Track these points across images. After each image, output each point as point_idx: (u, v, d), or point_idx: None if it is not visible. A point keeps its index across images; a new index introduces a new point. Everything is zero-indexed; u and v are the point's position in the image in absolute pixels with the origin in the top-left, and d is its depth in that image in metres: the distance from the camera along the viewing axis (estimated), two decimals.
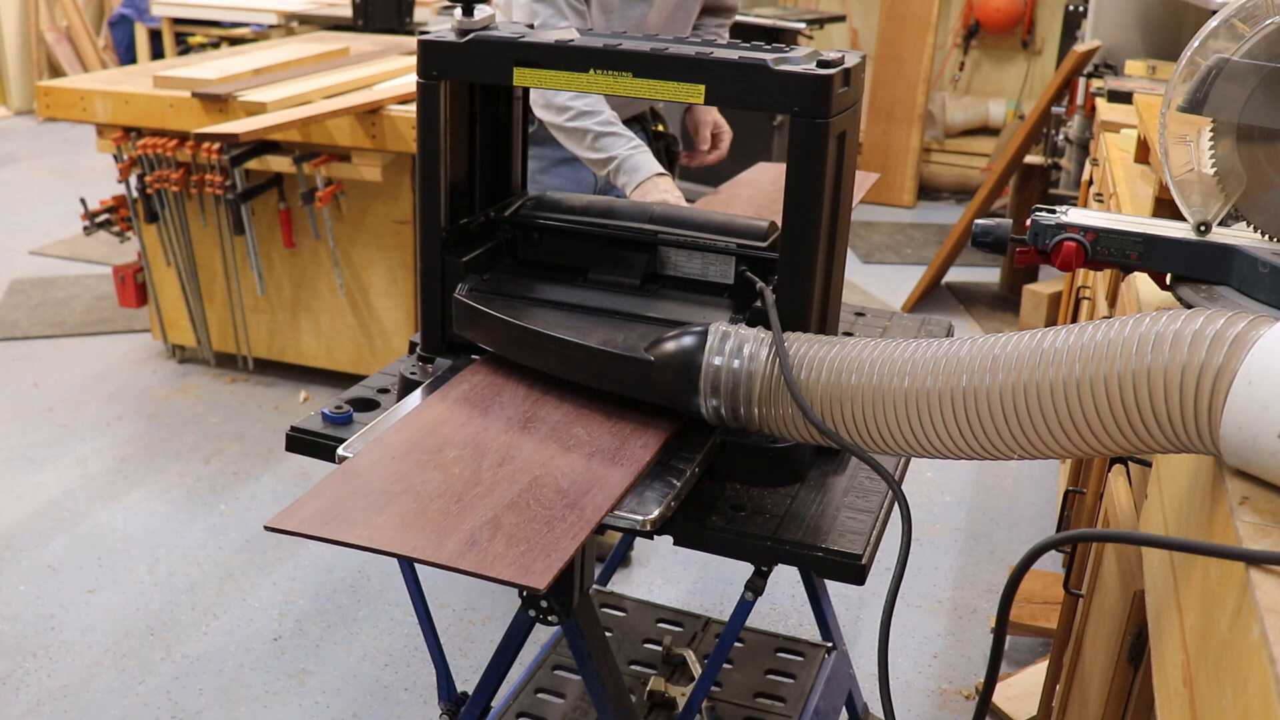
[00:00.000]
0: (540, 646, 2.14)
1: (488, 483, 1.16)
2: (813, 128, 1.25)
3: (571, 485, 1.16)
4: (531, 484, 1.16)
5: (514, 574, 1.00)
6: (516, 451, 1.23)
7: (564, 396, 1.37)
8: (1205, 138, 1.25)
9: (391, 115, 3.30)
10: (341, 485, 1.13)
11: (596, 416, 1.33)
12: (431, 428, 1.28)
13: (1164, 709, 0.89)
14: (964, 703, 2.50)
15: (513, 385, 1.41)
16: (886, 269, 5.45)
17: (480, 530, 1.07)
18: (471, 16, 1.41)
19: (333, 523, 1.06)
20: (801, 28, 6.02)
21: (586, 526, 1.09)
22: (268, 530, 1.05)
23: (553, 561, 1.02)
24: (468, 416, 1.33)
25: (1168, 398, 0.89)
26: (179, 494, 3.24)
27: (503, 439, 1.26)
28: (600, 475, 1.21)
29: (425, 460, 1.20)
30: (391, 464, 1.19)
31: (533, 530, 1.07)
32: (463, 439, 1.25)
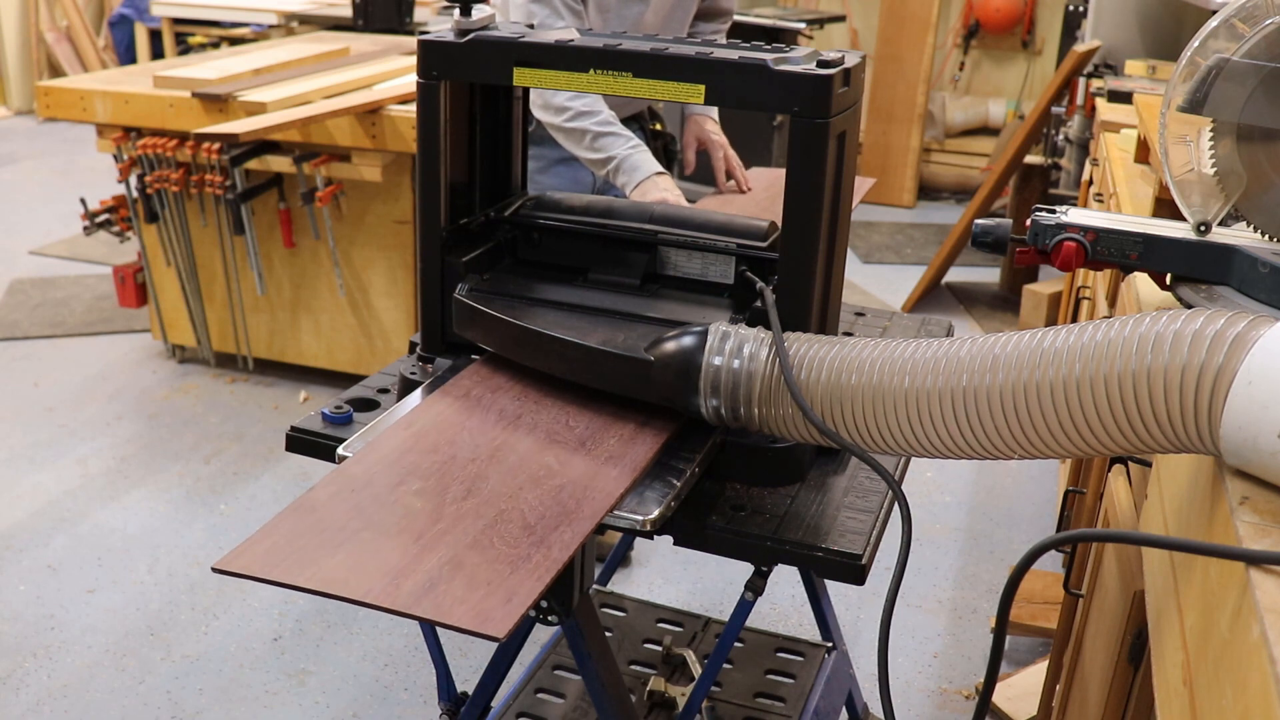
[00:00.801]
0: (540, 646, 2.14)
1: (451, 518, 1.10)
2: (813, 128, 1.25)
3: (539, 520, 1.10)
4: (497, 519, 1.10)
5: (472, 621, 0.94)
6: (484, 482, 1.17)
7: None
8: (1205, 138, 1.24)
9: (391, 115, 3.30)
10: (296, 522, 1.07)
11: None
12: (404, 449, 1.23)
13: (1164, 709, 0.89)
14: (964, 703, 2.50)
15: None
16: (886, 269, 5.45)
17: (440, 572, 1.01)
18: (471, 16, 1.41)
19: (283, 564, 1.00)
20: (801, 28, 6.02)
21: (555, 565, 1.03)
22: (215, 572, 0.99)
23: (514, 607, 0.97)
24: (453, 426, 1.29)
25: (1168, 398, 0.89)
26: (179, 494, 3.24)
27: (474, 466, 1.20)
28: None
29: (386, 494, 1.13)
30: (350, 498, 1.12)
31: (495, 572, 1.02)
32: (428, 468, 1.19)
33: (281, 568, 1.00)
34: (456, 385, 1.41)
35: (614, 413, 1.33)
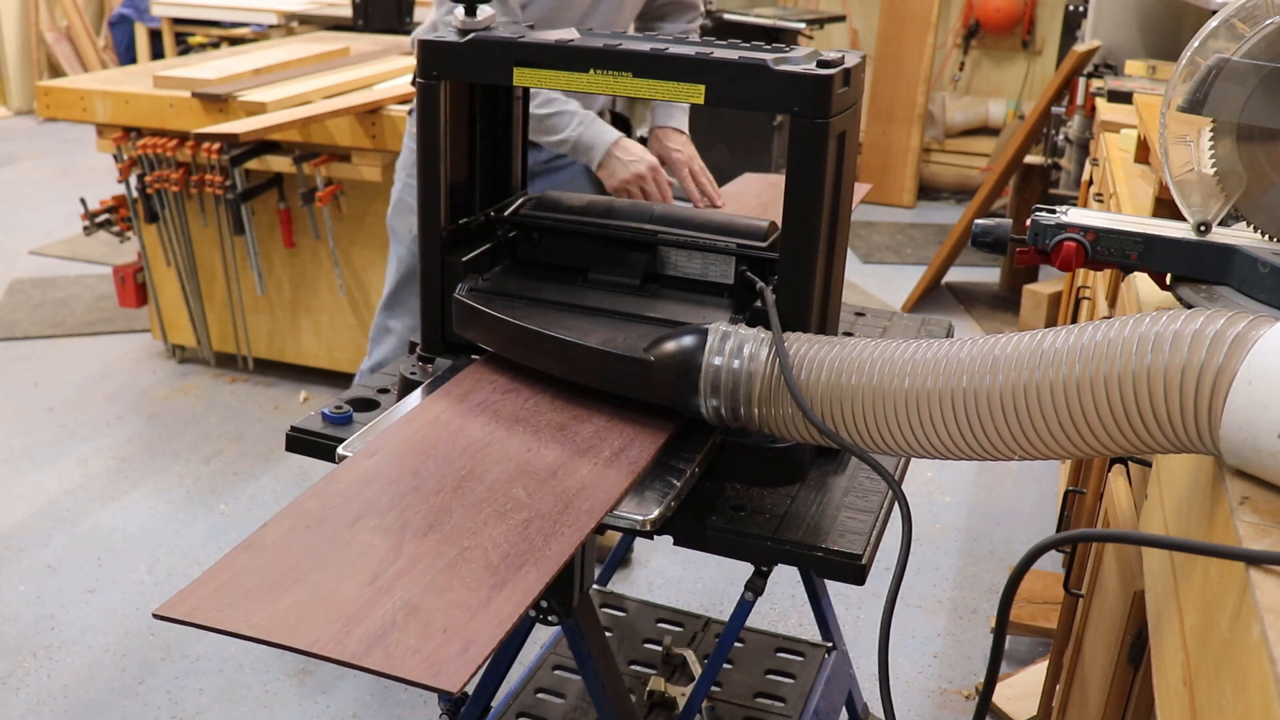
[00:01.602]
0: (540, 646, 2.14)
1: (409, 557, 1.03)
2: (813, 128, 1.25)
3: (503, 559, 1.04)
4: (458, 559, 1.04)
5: (424, 674, 0.89)
6: (447, 516, 1.10)
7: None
8: (1205, 138, 1.24)
9: (391, 115, 3.30)
10: (245, 562, 1.01)
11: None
12: (365, 479, 1.17)
13: (1164, 709, 0.89)
14: (964, 703, 2.50)
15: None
16: (886, 269, 5.45)
17: (393, 618, 0.95)
18: (473, 17, 1.41)
19: (227, 609, 0.95)
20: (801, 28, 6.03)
21: (516, 609, 0.97)
22: (156, 618, 0.94)
23: (469, 658, 0.90)
24: (420, 452, 1.22)
25: (1168, 398, 0.89)
26: (179, 494, 3.24)
27: (438, 498, 1.13)
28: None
29: (343, 530, 1.07)
30: (304, 535, 1.06)
31: (452, 618, 0.95)
32: (388, 501, 1.13)
33: (225, 614, 0.94)
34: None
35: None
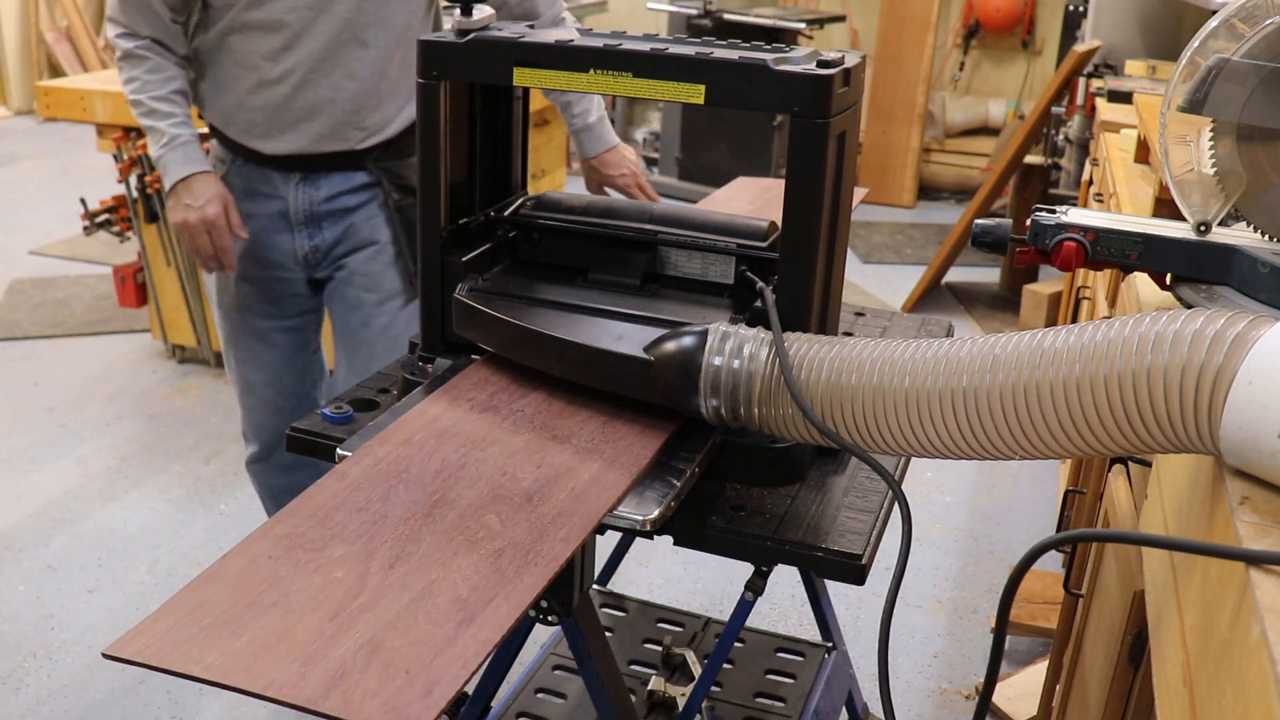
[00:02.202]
0: (540, 646, 2.14)
1: (373, 590, 0.99)
2: (813, 128, 1.25)
3: (472, 592, 0.99)
4: (425, 592, 0.99)
5: (384, 719, 0.85)
6: (415, 545, 1.06)
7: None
8: (1205, 138, 1.24)
9: None
10: (204, 595, 0.97)
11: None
12: (334, 505, 1.12)
13: (1164, 709, 0.89)
14: (964, 703, 2.50)
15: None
16: (886, 269, 5.45)
17: (354, 658, 0.90)
18: (471, 16, 1.41)
19: (180, 648, 0.90)
20: (801, 28, 6.03)
21: (484, 647, 0.92)
22: (105, 658, 0.90)
23: (432, 701, 0.86)
24: (390, 476, 1.18)
25: (1168, 398, 0.89)
26: (179, 494, 3.24)
27: (406, 526, 1.09)
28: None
29: (306, 560, 1.03)
30: (268, 565, 1.02)
31: (416, 658, 0.91)
32: (356, 528, 1.08)
33: (177, 653, 0.90)
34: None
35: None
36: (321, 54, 1.96)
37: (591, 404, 1.35)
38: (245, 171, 2.09)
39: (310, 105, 2.00)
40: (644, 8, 6.55)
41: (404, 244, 2.10)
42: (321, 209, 2.09)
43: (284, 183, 2.08)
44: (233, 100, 2.03)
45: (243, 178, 2.10)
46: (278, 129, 2.02)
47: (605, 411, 1.33)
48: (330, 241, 2.12)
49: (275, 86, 1.99)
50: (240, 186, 2.09)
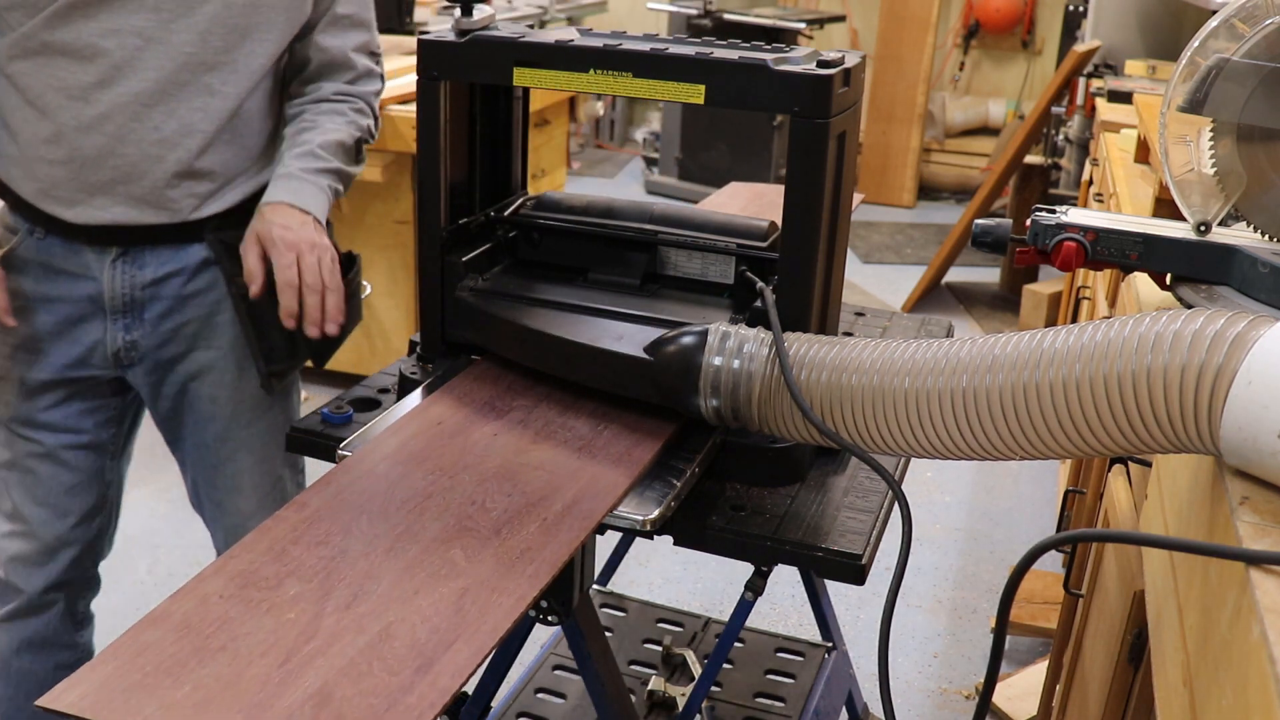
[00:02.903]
0: (540, 646, 2.14)
1: (328, 633, 0.94)
2: (813, 128, 1.25)
3: (431, 635, 0.94)
4: (381, 635, 0.94)
5: None
6: (375, 583, 1.01)
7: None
8: (1205, 138, 1.25)
9: (391, 115, 3.30)
10: (150, 638, 0.91)
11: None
12: (291, 537, 1.07)
13: (1164, 709, 0.89)
14: (964, 703, 2.50)
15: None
16: (886, 269, 5.45)
17: (302, 709, 0.85)
18: (471, 16, 1.41)
19: (118, 698, 0.85)
20: (801, 28, 6.03)
21: (442, 696, 0.88)
22: (40, 709, 0.85)
23: None
24: (352, 507, 1.13)
25: (1168, 398, 0.89)
26: (179, 494, 3.22)
27: (365, 562, 1.04)
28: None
29: (259, 599, 0.98)
30: (219, 605, 0.97)
31: (367, 709, 0.86)
32: (315, 563, 1.03)
33: (114, 704, 0.85)
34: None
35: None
36: (150, 96, 1.52)
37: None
38: (45, 246, 1.60)
39: (130, 163, 1.54)
40: (644, 8, 6.55)
41: (255, 339, 1.64)
42: (145, 294, 1.62)
43: (97, 261, 1.60)
44: (25, 151, 1.55)
45: (41, 253, 1.60)
46: (86, 192, 1.55)
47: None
48: (157, 337, 1.65)
49: (84, 135, 1.52)
50: (37, 263, 1.61)
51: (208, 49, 1.52)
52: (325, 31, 1.66)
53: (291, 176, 1.60)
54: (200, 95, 1.54)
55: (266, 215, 1.56)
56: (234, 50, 1.54)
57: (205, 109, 1.55)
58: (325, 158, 1.64)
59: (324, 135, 1.64)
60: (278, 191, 1.59)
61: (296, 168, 1.61)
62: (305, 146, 1.63)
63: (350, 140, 1.69)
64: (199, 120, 1.55)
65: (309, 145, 1.63)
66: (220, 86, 1.55)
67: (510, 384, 1.41)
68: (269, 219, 1.55)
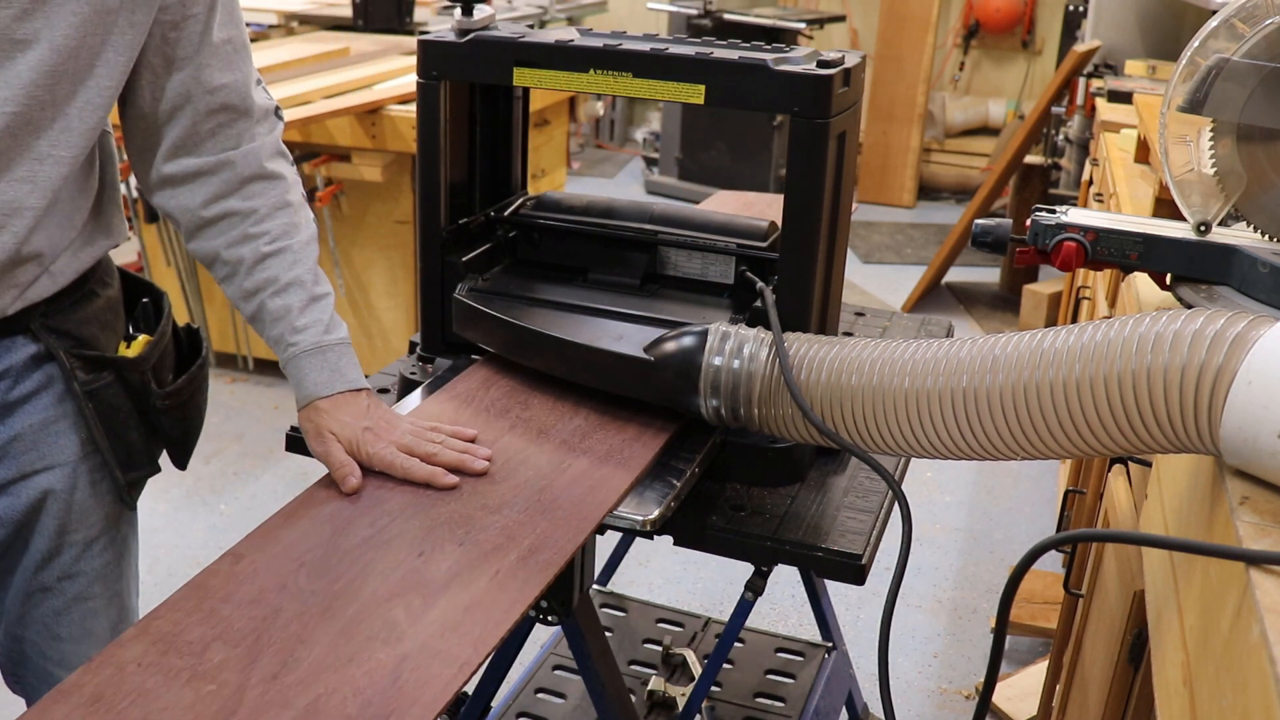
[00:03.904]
0: (540, 646, 2.14)
1: (250, 708, 0.86)
2: (813, 128, 1.25)
3: (362, 711, 0.86)
4: (308, 710, 0.86)
5: None
6: (307, 648, 0.93)
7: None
8: (1205, 138, 1.25)
9: (391, 115, 3.30)
10: (55, 713, 0.84)
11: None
12: (224, 594, 0.99)
13: (1164, 709, 0.89)
14: (964, 703, 2.50)
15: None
16: (886, 269, 5.45)
17: None
18: (472, 16, 1.41)
19: None
20: (801, 28, 6.03)
21: None
22: None
23: None
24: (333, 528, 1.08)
25: (1168, 398, 0.89)
26: (179, 494, 3.24)
27: (296, 624, 0.96)
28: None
29: (180, 668, 0.90)
30: (134, 676, 0.88)
31: None
32: (244, 626, 0.95)
33: None
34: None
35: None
36: None
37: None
38: None
39: None
40: (644, 8, 6.55)
41: (107, 444, 1.32)
42: None
43: None
44: None
45: None
46: None
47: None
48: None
49: None
50: None
51: (34, 105, 1.14)
52: (208, 65, 1.25)
53: (321, 350, 1.35)
54: (27, 163, 1.17)
55: (330, 411, 1.31)
56: (66, 104, 1.17)
57: (34, 179, 1.18)
58: (323, 288, 1.39)
59: (300, 259, 1.35)
60: (319, 375, 1.34)
61: (315, 335, 1.35)
62: (303, 291, 1.36)
63: (314, 235, 1.38)
64: (26, 195, 1.17)
65: (304, 286, 1.36)
66: (51, 150, 1.18)
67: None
68: (339, 418, 1.29)
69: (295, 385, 1.36)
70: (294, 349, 1.35)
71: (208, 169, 1.29)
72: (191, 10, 1.22)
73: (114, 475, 1.34)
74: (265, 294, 1.33)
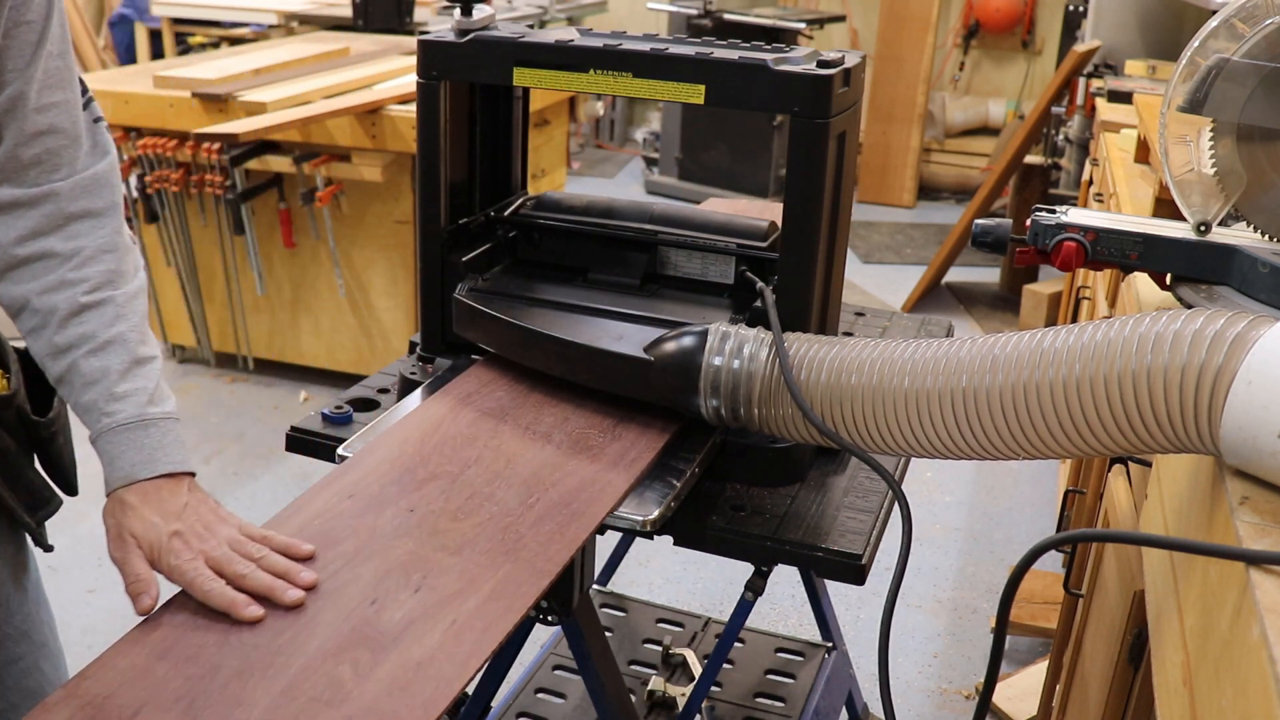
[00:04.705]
0: (540, 646, 2.14)
1: None
2: (813, 128, 1.25)
3: None
4: None
5: None
6: (245, 713, 0.87)
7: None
8: (1205, 138, 1.25)
9: (391, 115, 3.30)
10: None
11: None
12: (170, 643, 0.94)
13: (1164, 709, 0.89)
14: (964, 703, 2.50)
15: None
16: (886, 269, 5.45)
17: None
18: (471, 16, 1.41)
19: None
20: (801, 28, 6.03)
21: None
22: None
23: None
24: None
25: (1168, 398, 0.89)
26: None
27: (234, 684, 0.90)
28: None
29: None
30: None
31: None
32: (176, 690, 0.88)
33: None
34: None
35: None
36: None
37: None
38: None
39: None
40: (644, 8, 6.55)
41: (9, 485, 1.22)
42: None
43: None
44: None
45: None
46: None
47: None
48: None
49: None
50: None
51: None
52: (38, 81, 1.09)
53: (143, 425, 1.12)
54: None
55: (137, 506, 1.11)
56: None
57: None
58: (149, 350, 1.16)
59: (125, 313, 1.14)
60: (136, 455, 1.12)
61: (136, 405, 1.12)
62: (125, 351, 1.13)
63: (144, 286, 1.19)
64: None
65: (127, 346, 1.13)
66: None
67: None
68: (145, 517, 1.10)
69: (106, 465, 1.13)
70: (109, 420, 1.11)
71: (27, 200, 1.10)
72: (26, 16, 1.07)
73: (22, 519, 1.23)
74: (79, 352, 1.10)
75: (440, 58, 1.40)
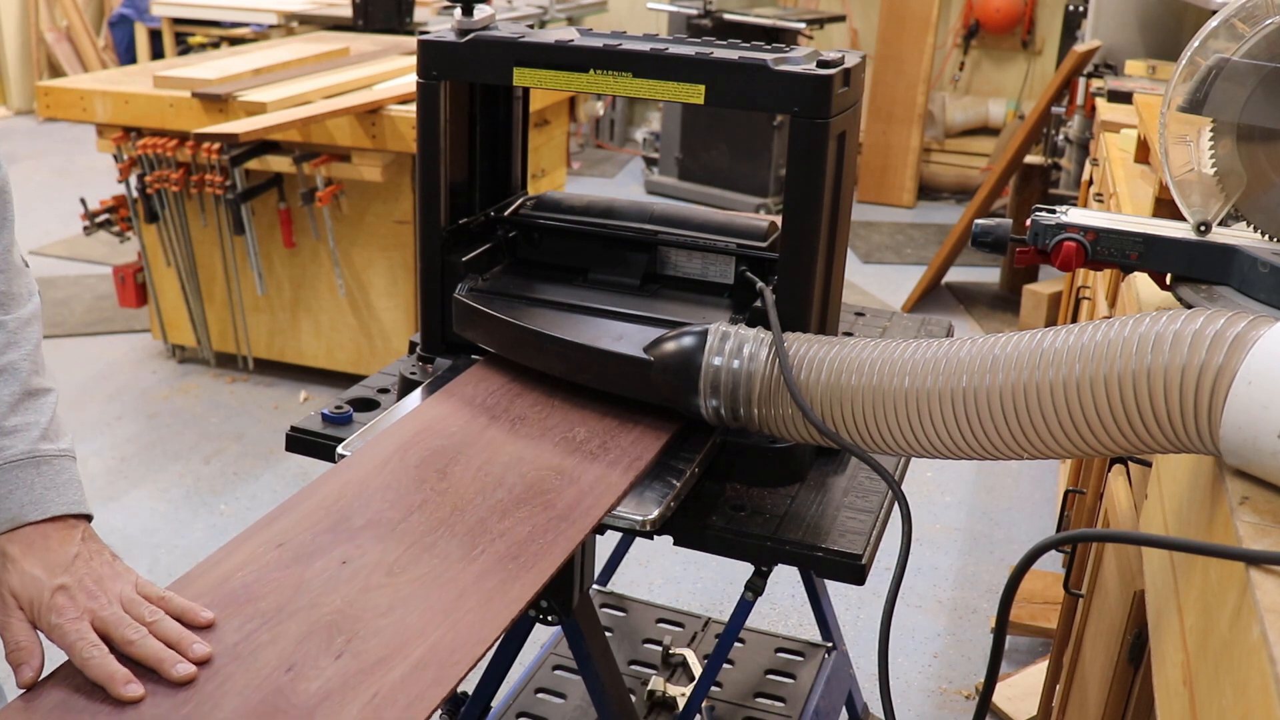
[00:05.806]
0: (540, 646, 2.14)
1: None
2: (813, 128, 1.25)
3: None
4: None
5: None
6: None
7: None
8: (1205, 138, 1.25)
9: (391, 115, 3.30)
10: None
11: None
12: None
13: (1164, 709, 0.89)
14: (964, 703, 2.50)
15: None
16: (886, 269, 5.45)
17: None
18: (471, 16, 1.41)
19: None
20: (801, 28, 6.03)
21: None
22: None
23: None
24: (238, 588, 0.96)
25: (1168, 398, 0.89)
26: (179, 494, 3.23)
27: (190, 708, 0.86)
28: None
29: None
30: None
31: None
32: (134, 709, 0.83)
33: None
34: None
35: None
36: None
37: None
38: None
39: None
40: (644, 8, 6.55)
41: None
42: None
43: None
44: None
45: None
46: None
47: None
48: None
49: None
50: None
51: None
52: None
53: (34, 461, 1.03)
54: None
55: (18, 559, 0.99)
56: None
57: None
58: (44, 381, 1.07)
59: (16, 340, 1.09)
60: (26, 494, 1.02)
61: (29, 440, 1.03)
62: (16, 382, 1.05)
63: (38, 311, 1.14)
64: None
65: (18, 376, 1.05)
66: None
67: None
68: (26, 570, 0.98)
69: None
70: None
71: None
72: None
73: None
74: None
75: (440, 58, 1.40)
